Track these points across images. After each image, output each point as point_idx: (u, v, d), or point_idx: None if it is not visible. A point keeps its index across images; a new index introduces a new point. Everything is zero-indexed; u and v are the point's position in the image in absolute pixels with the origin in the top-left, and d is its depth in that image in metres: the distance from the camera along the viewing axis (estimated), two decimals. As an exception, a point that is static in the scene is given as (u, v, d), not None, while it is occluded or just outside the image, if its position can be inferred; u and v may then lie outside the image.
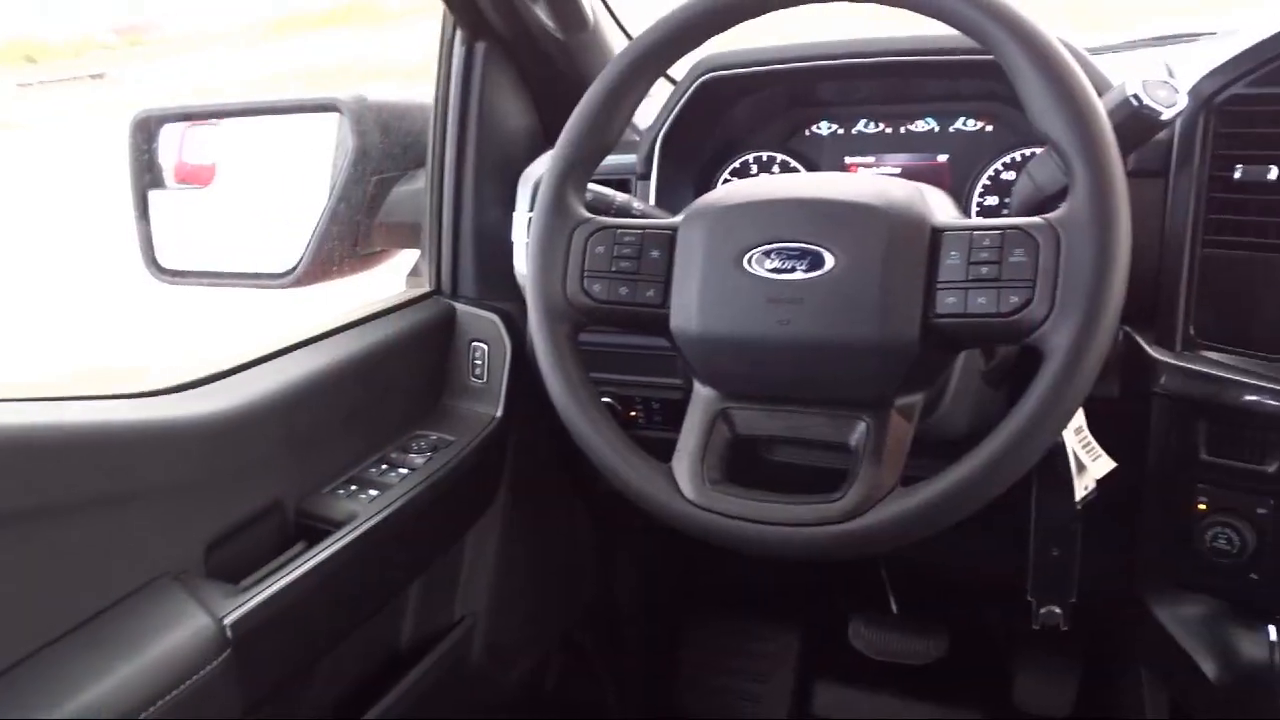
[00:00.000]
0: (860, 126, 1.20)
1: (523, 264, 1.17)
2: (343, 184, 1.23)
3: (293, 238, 1.23)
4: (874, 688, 1.61)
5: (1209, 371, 0.92)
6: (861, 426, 0.79)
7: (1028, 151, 1.10)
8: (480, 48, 1.22)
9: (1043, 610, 1.04)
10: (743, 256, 0.81)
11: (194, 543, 0.92)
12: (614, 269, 0.86)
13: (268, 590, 0.90)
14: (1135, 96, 0.82)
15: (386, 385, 1.15)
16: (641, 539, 1.61)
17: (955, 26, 0.77)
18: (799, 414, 0.82)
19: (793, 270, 0.79)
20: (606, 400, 1.21)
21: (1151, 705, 1.19)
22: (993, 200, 1.13)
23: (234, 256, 1.30)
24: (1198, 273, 0.94)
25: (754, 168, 1.23)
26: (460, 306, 1.25)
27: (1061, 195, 0.74)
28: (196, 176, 1.31)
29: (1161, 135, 0.91)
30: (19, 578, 0.78)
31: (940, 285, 0.76)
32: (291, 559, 0.95)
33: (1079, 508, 0.96)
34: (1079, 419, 0.95)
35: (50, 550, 0.80)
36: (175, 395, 0.94)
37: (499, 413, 1.21)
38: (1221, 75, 0.92)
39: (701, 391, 0.85)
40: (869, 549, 0.76)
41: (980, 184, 1.13)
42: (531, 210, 0.95)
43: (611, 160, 0.95)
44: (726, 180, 1.23)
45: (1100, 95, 0.76)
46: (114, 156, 1.31)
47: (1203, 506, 0.96)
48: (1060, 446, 0.93)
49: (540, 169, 1.16)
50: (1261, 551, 0.94)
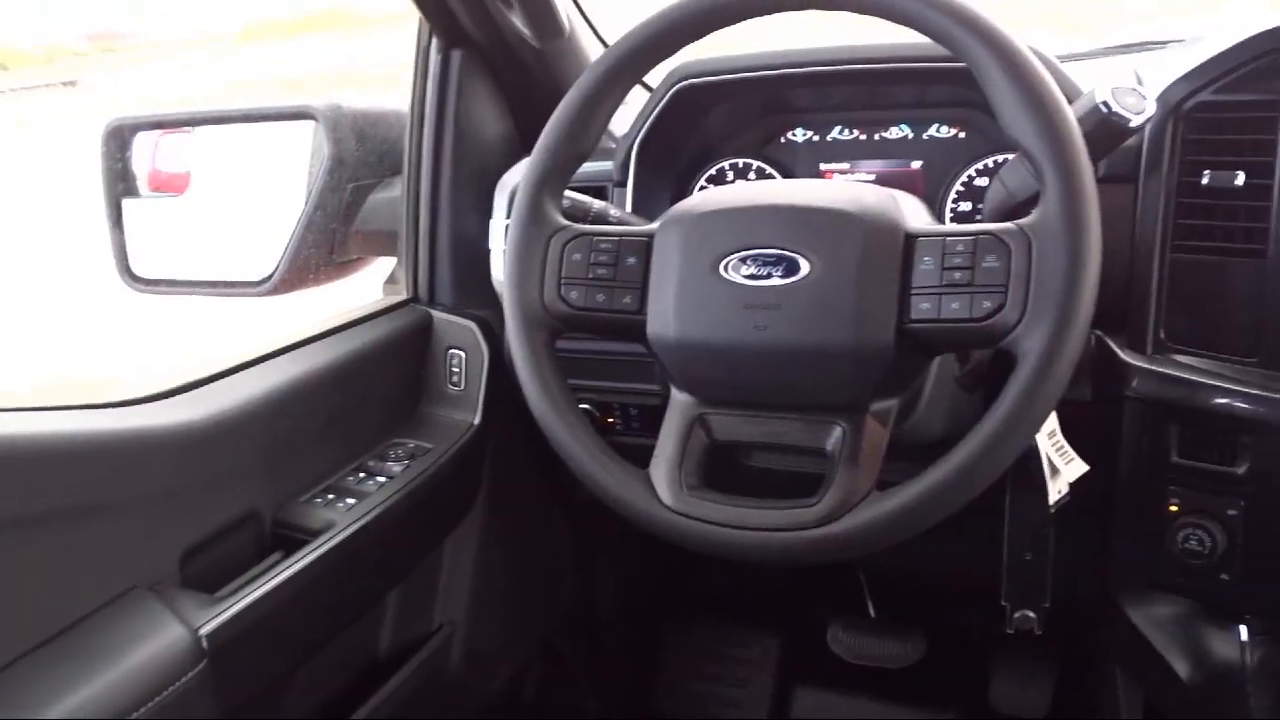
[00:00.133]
0: (835, 133, 1.20)
1: (500, 271, 1.17)
2: (319, 192, 1.22)
3: (268, 246, 1.23)
4: (852, 691, 1.62)
5: (1180, 375, 0.93)
6: (837, 431, 0.79)
7: (1000, 158, 1.11)
8: (456, 55, 1.22)
9: (1016, 615, 1.05)
10: (719, 263, 0.81)
11: (169, 553, 0.91)
12: (591, 276, 0.86)
13: (244, 600, 0.89)
14: (1105, 104, 0.83)
15: (364, 393, 1.15)
16: (620, 545, 1.61)
17: (928, 34, 0.78)
18: (775, 419, 0.82)
19: (769, 276, 0.79)
20: (584, 407, 1.21)
21: (1126, 706, 1.20)
22: (966, 206, 1.14)
23: (209, 265, 1.29)
24: (1168, 277, 0.95)
25: (730, 174, 1.23)
26: (437, 314, 1.25)
27: (1033, 201, 0.75)
28: (170, 185, 1.30)
29: (1131, 141, 0.92)
30: None
31: (914, 291, 0.76)
32: (268, 568, 0.95)
33: (1052, 511, 0.97)
34: (1052, 423, 0.95)
35: (22, 562, 0.79)
36: (150, 405, 0.93)
37: (477, 420, 1.21)
38: (1189, 82, 0.94)
39: (679, 397, 0.85)
40: (845, 553, 0.77)
41: (954, 190, 1.14)
42: (508, 217, 0.95)
43: (588, 167, 0.95)
44: (703, 187, 1.24)
45: (1070, 102, 0.77)
46: (87, 164, 1.30)
47: (1174, 508, 0.97)
48: (1034, 450, 0.94)
49: (517, 176, 1.16)
50: (1232, 552, 0.95)
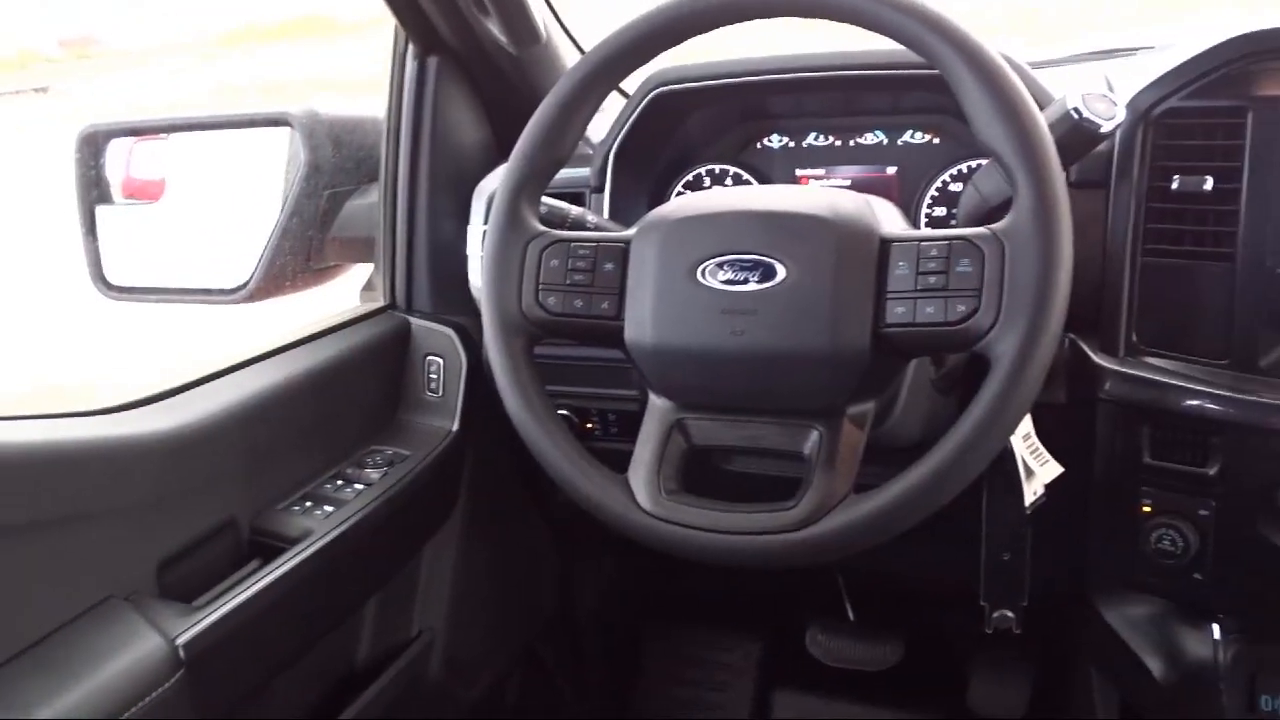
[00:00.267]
0: (811, 139, 1.21)
1: (477, 277, 1.17)
2: (295, 198, 1.22)
3: (244, 253, 1.22)
4: (832, 695, 1.62)
5: (1151, 377, 0.94)
6: (814, 435, 0.80)
7: (974, 163, 1.12)
8: (433, 62, 1.22)
9: (995, 615, 1.06)
10: (696, 268, 0.81)
11: (146, 562, 0.91)
12: (568, 282, 0.86)
13: (221, 609, 0.89)
14: (1076, 110, 0.84)
15: (341, 400, 1.14)
16: (600, 550, 1.61)
17: (902, 42, 0.79)
18: (753, 424, 0.83)
19: (745, 281, 0.80)
20: (563, 413, 1.21)
21: (1102, 705, 1.21)
22: (941, 211, 1.15)
23: (184, 272, 1.29)
24: (1139, 281, 0.96)
25: (707, 180, 1.24)
26: (415, 320, 1.24)
27: (1006, 206, 0.75)
28: (145, 192, 1.29)
29: (1102, 147, 0.93)
30: None
31: (889, 295, 0.77)
32: (245, 577, 0.94)
33: (1029, 512, 0.98)
34: (1027, 425, 0.96)
35: None
36: (126, 413, 0.92)
37: (455, 426, 1.21)
38: (1158, 88, 0.95)
39: (657, 403, 0.86)
40: (823, 556, 0.77)
41: (929, 195, 1.15)
42: (486, 224, 0.95)
43: (566, 174, 0.96)
44: (680, 193, 1.24)
45: (1042, 109, 0.78)
46: (59, 171, 1.29)
47: (1147, 509, 0.98)
48: (1009, 453, 0.95)
49: (494, 183, 1.16)
50: (1204, 552, 0.96)
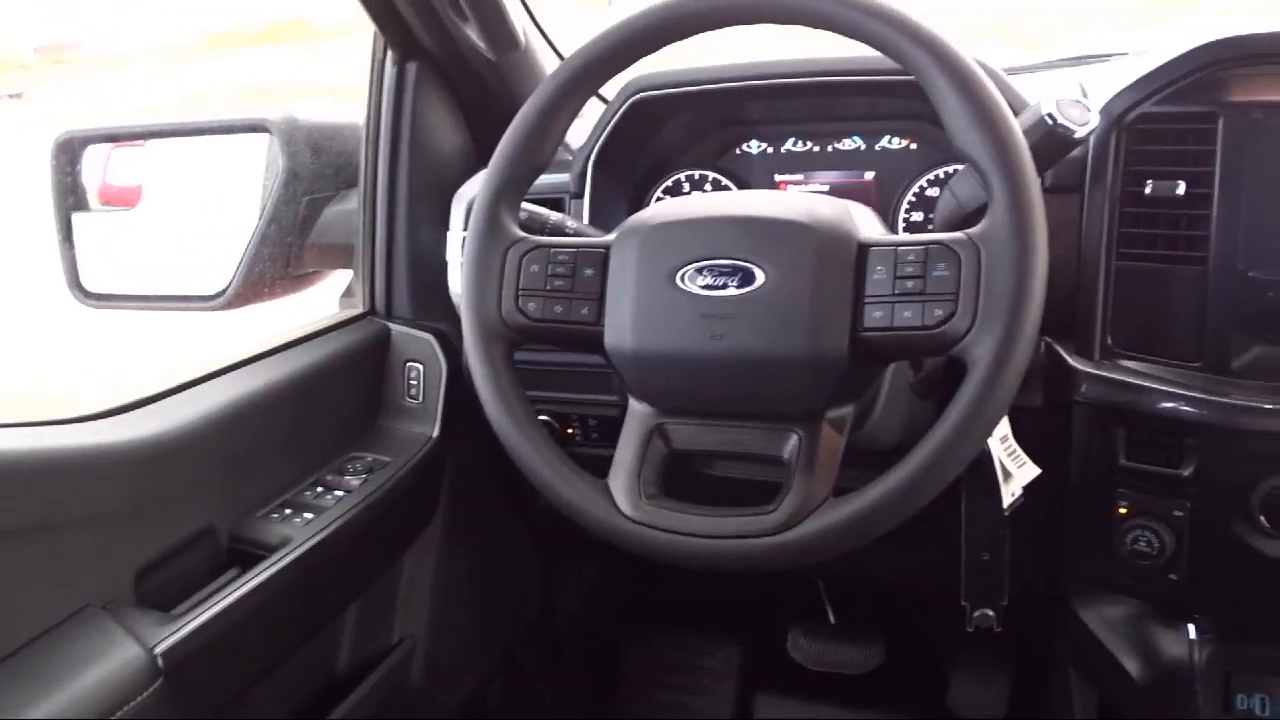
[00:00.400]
0: (789, 145, 1.22)
1: (457, 284, 1.17)
2: (273, 205, 1.21)
3: (222, 260, 1.22)
4: (813, 698, 1.63)
5: (1126, 380, 0.95)
6: (794, 439, 0.80)
7: (951, 169, 1.13)
8: (412, 68, 1.22)
9: (976, 614, 1.07)
10: (675, 273, 0.81)
11: (123, 570, 0.90)
12: (548, 287, 0.86)
13: (200, 617, 0.88)
14: (1050, 115, 0.85)
15: (321, 407, 1.14)
16: (581, 556, 1.61)
17: (878, 48, 0.79)
18: (732, 428, 0.83)
19: (724, 286, 0.80)
20: (544, 418, 1.21)
21: (1081, 705, 1.22)
22: (918, 216, 1.16)
23: (162, 279, 1.28)
24: (1113, 284, 0.97)
25: (686, 186, 1.24)
26: (395, 327, 1.24)
27: (982, 211, 0.76)
28: (122, 198, 1.28)
29: (1076, 152, 0.94)
30: None
31: (867, 300, 0.77)
32: (224, 585, 0.94)
33: (1007, 514, 0.99)
34: (1004, 428, 0.97)
35: None
36: (105, 420, 0.92)
37: (435, 433, 1.21)
38: (1131, 94, 0.96)
39: (637, 408, 0.86)
40: (803, 560, 0.77)
41: (906, 200, 1.16)
42: (465, 230, 0.95)
43: (545, 179, 0.96)
44: (659, 198, 1.25)
45: (1016, 115, 0.78)
46: (34, 178, 1.28)
47: (1123, 510, 0.99)
48: (987, 455, 0.96)
49: (474, 188, 1.16)
50: (1179, 553, 0.97)
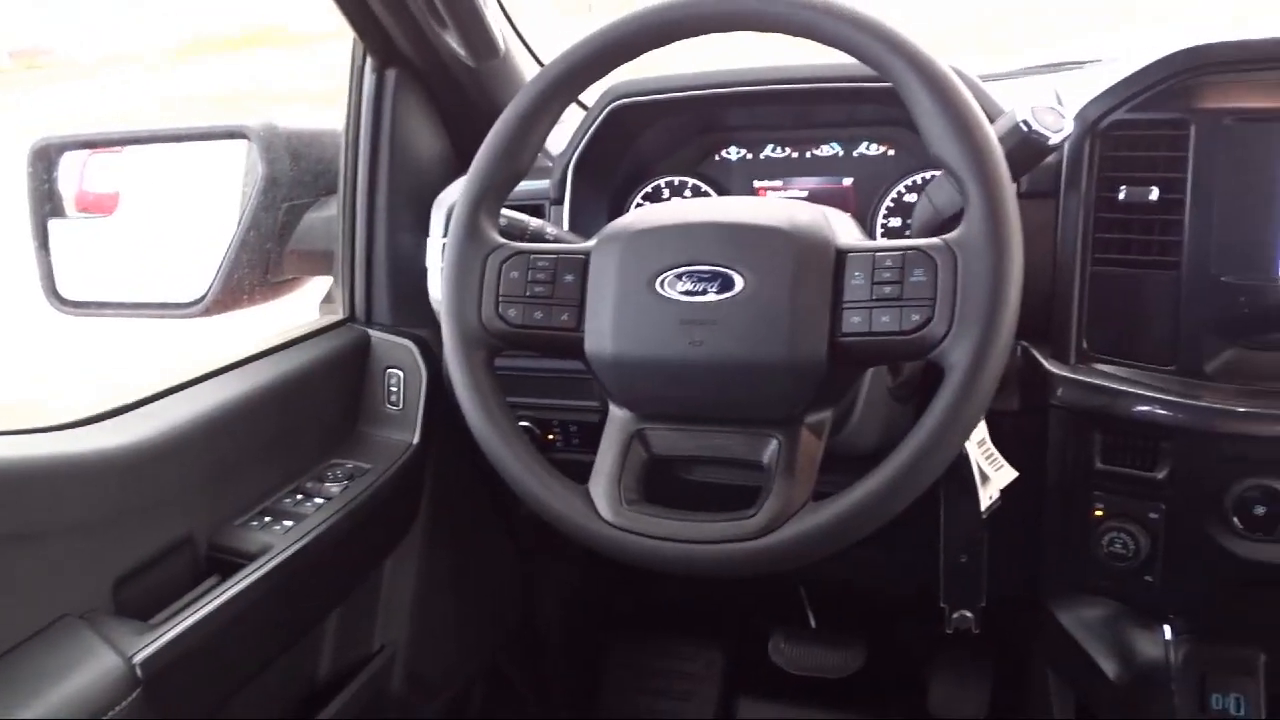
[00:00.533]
0: (768, 151, 1.23)
1: (437, 290, 1.17)
2: (252, 211, 1.21)
3: (201, 267, 1.21)
4: (795, 702, 1.63)
5: (1101, 384, 0.96)
6: (773, 444, 0.80)
7: (928, 175, 1.14)
8: (391, 75, 1.22)
9: (955, 615, 1.08)
10: (655, 279, 0.82)
11: (101, 579, 0.90)
12: (528, 294, 0.86)
13: (179, 626, 0.88)
14: (1025, 122, 0.86)
15: (300, 414, 1.14)
16: (563, 562, 1.61)
17: (855, 56, 0.80)
18: (712, 433, 0.83)
19: (704, 292, 0.80)
20: (524, 424, 1.21)
21: (1059, 706, 1.23)
22: (896, 222, 1.17)
23: (140, 286, 1.27)
24: (1088, 289, 0.98)
25: (666, 192, 1.25)
26: (375, 333, 1.24)
27: (959, 217, 0.76)
28: (99, 205, 1.28)
29: (1051, 158, 0.94)
30: None
31: (846, 305, 0.78)
32: (203, 594, 0.93)
33: (985, 517, 1.00)
34: (982, 431, 0.98)
35: None
36: (83, 429, 0.91)
37: (415, 439, 1.21)
38: (1104, 101, 0.97)
39: (617, 413, 0.86)
40: (783, 564, 0.78)
41: (884, 206, 1.17)
42: (445, 236, 0.95)
43: (525, 186, 0.96)
44: (639, 204, 1.25)
45: (992, 121, 0.79)
46: (8, 182, 1.27)
47: (1099, 513, 1.00)
48: (965, 458, 0.96)
49: (454, 195, 1.15)
50: (1154, 555, 0.98)
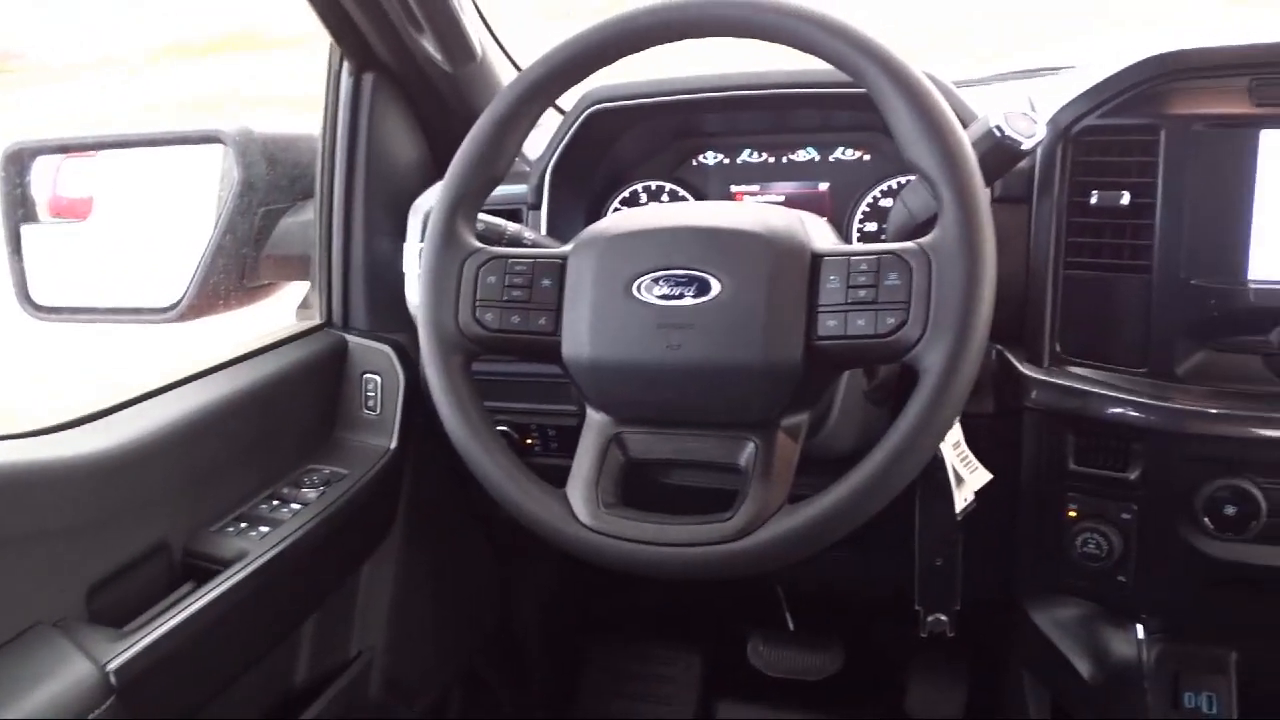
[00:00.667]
0: (745, 156, 1.23)
1: (414, 294, 1.17)
2: (228, 216, 1.20)
3: (176, 271, 1.20)
4: (774, 704, 1.64)
5: (1074, 386, 0.98)
6: (750, 447, 0.81)
7: (904, 179, 1.15)
8: (368, 79, 1.22)
9: (930, 618, 1.08)
10: (632, 283, 0.82)
11: (75, 587, 0.89)
12: (505, 298, 0.86)
13: (154, 633, 0.87)
14: (998, 128, 0.87)
15: (277, 419, 1.13)
16: (541, 566, 1.61)
17: (830, 62, 0.80)
18: (689, 436, 0.84)
19: (681, 296, 0.81)
20: (502, 429, 1.21)
21: (1034, 706, 1.24)
22: (872, 226, 1.17)
23: (114, 291, 1.26)
24: (1061, 293, 0.99)
25: (643, 197, 1.25)
26: (352, 338, 1.24)
27: (933, 221, 0.77)
28: (72, 210, 1.27)
29: (1024, 163, 0.96)
30: None
31: (821, 309, 0.78)
32: (178, 600, 0.93)
33: (960, 519, 1.00)
34: (957, 434, 0.99)
35: None
36: (56, 435, 0.91)
37: (393, 444, 1.20)
38: (1076, 107, 0.98)
39: (594, 417, 0.86)
40: (760, 566, 0.78)
41: (860, 211, 1.18)
42: (422, 241, 0.95)
43: (503, 190, 0.96)
44: (616, 209, 1.25)
45: (965, 127, 0.80)
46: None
47: (1073, 514, 1.01)
48: (940, 461, 0.97)
49: (430, 200, 1.16)
50: (1127, 555, 0.99)
